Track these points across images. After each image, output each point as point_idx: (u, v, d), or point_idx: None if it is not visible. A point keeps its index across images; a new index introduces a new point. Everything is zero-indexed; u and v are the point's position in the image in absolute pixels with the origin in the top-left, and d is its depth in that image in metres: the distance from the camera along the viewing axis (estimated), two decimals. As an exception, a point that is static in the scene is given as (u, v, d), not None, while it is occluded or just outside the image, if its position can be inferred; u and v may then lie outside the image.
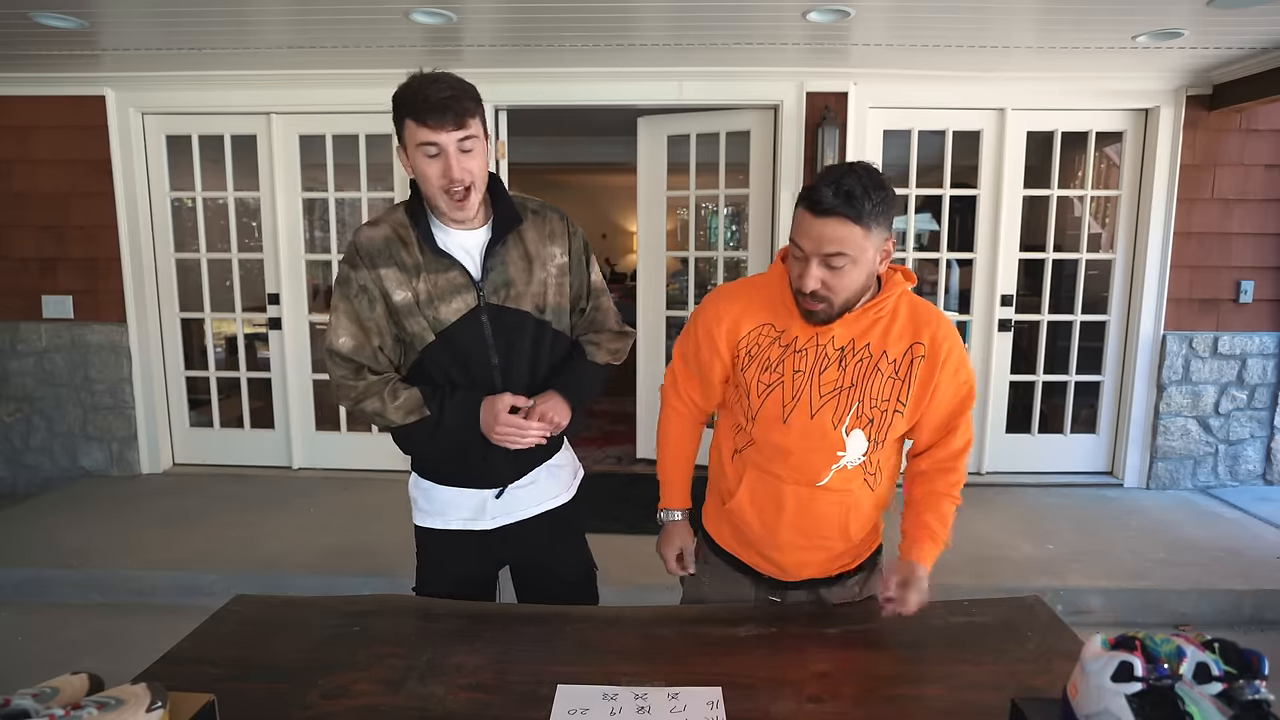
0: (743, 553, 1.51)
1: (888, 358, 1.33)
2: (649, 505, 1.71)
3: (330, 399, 4.34)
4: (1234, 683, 0.82)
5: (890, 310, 1.34)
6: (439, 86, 1.36)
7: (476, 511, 1.57)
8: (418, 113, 1.36)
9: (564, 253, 1.55)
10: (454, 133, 1.36)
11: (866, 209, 1.20)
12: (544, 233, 1.53)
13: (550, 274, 1.52)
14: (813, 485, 1.37)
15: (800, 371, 1.34)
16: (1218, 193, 3.91)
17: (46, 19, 3.05)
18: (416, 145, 1.38)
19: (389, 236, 1.47)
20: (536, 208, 1.56)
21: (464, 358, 1.47)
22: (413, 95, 1.37)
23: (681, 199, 4.37)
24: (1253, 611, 2.94)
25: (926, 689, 1.19)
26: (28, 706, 0.86)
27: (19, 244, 4.10)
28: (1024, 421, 4.29)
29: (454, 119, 1.36)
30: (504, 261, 1.48)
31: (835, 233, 1.20)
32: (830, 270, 1.24)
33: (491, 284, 1.47)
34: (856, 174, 1.21)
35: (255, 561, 3.19)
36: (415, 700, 1.15)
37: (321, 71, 3.82)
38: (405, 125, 1.39)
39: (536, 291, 1.51)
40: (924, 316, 1.36)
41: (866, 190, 1.20)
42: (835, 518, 1.40)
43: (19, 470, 4.30)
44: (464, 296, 1.46)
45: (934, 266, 4.29)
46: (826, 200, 1.20)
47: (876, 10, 2.98)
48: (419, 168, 1.40)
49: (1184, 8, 2.88)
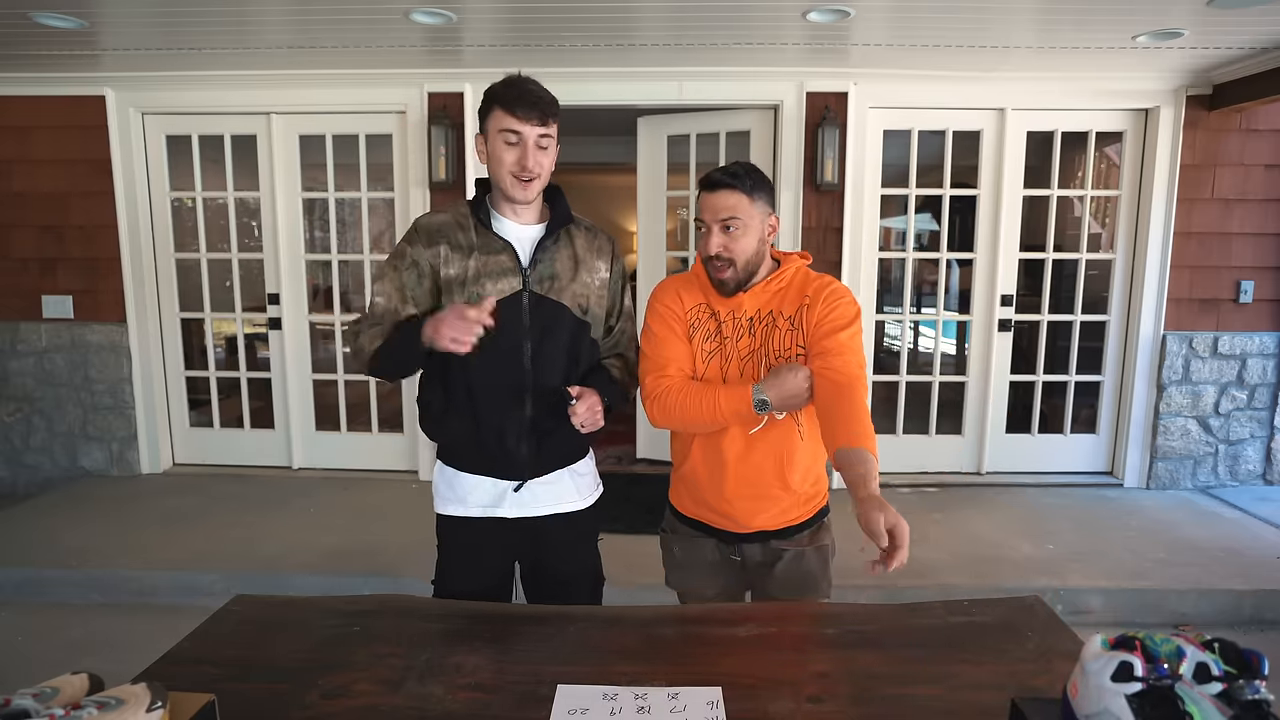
0: (700, 512, 1.69)
1: (784, 315, 1.59)
2: (649, 505, 1.76)
3: (330, 399, 4.37)
4: (1234, 683, 0.82)
5: (787, 281, 1.61)
6: (532, 85, 1.50)
7: (496, 499, 1.62)
8: (508, 103, 1.48)
9: (607, 269, 1.67)
10: (537, 127, 1.49)
11: (748, 183, 1.53)
12: (593, 246, 1.65)
13: (594, 282, 1.63)
14: (747, 434, 1.58)
15: (726, 338, 1.61)
16: (1218, 193, 3.91)
17: (46, 19, 3.05)
18: (499, 130, 1.49)
19: (447, 221, 1.58)
20: (589, 226, 1.69)
21: (498, 339, 1.48)
22: (507, 88, 1.50)
23: (681, 199, 4.37)
24: (1253, 611, 2.94)
25: (926, 689, 1.19)
26: (28, 706, 0.86)
27: (19, 244, 4.10)
28: (1024, 421, 4.29)
29: (539, 115, 1.49)
30: (553, 257, 1.59)
31: (726, 201, 1.53)
32: (727, 235, 1.53)
33: (538, 274, 1.57)
34: (739, 163, 1.57)
35: (255, 561, 3.19)
36: (415, 700, 1.15)
37: (321, 71, 3.83)
38: (493, 112, 1.50)
39: (579, 292, 1.60)
40: (814, 281, 1.61)
41: (747, 170, 1.54)
42: (771, 465, 1.59)
43: (19, 470, 4.30)
44: (510, 279, 1.55)
45: (934, 266, 4.29)
46: (716, 177, 1.54)
47: (876, 10, 2.98)
48: (495, 152, 1.51)
49: (1184, 8, 2.88)
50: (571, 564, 1.71)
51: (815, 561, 1.68)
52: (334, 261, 4.31)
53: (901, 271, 4.26)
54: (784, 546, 1.66)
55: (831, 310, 1.56)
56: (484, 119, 1.53)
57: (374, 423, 4.33)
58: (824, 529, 1.71)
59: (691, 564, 1.73)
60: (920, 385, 4.26)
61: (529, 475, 1.62)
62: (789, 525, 1.65)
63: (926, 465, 4.26)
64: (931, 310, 5.72)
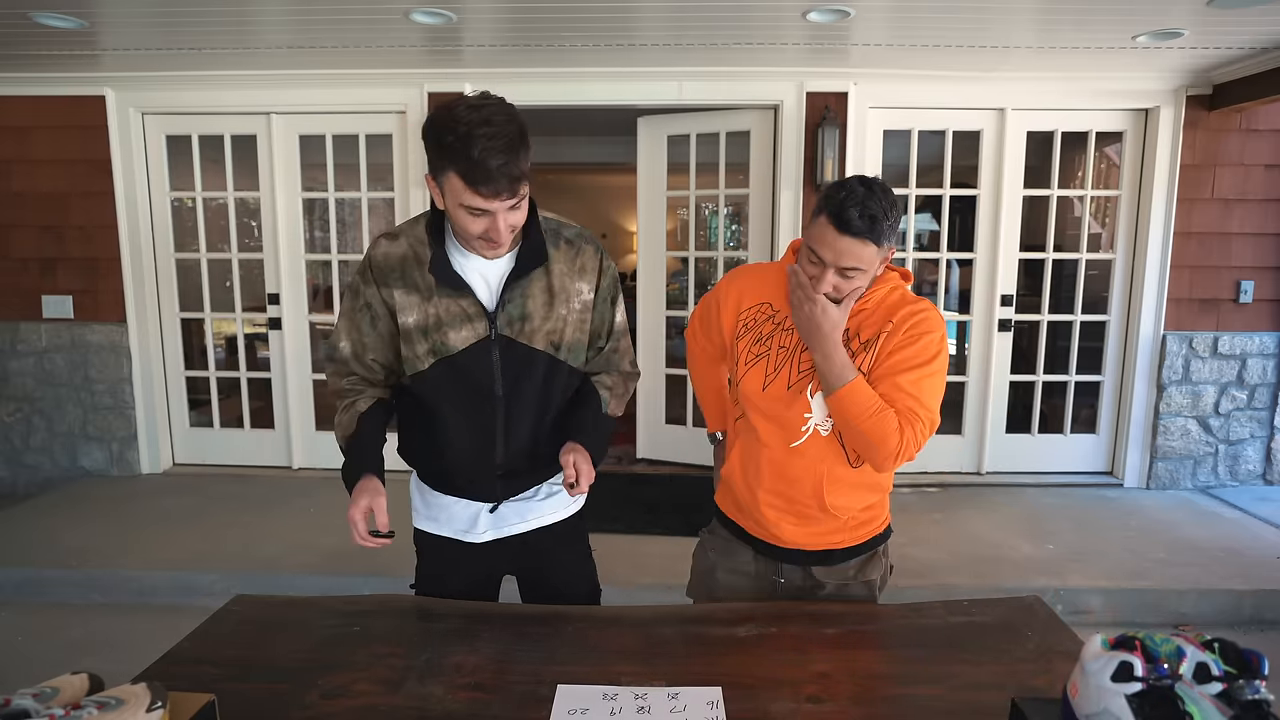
0: (739, 518, 1.59)
1: (860, 338, 1.43)
2: (649, 505, 1.72)
3: (330, 399, 4.35)
4: (1234, 683, 0.82)
5: (877, 303, 1.44)
6: (495, 146, 1.19)
7: (470, 524, 1.54)
8: (468, 175, 1.21)
9: (591, 289, 1.47)
10: (505, 201, 1.25)
11: (885, 230, 1.31)
12: (574, 266, 1.44)
13: (573, 309, 1.44)
14: (787, 447, 1.46)
15: (785, 349, 1.46)
16: (1218, 193, 3.91)
17: (46, 19, 3.05)
18: (459, 203, 1.25)
19: (405, 255, 1.39)
20: (572, 236, 1.46)
21: (468, 385, 1.41)
22: (464, 148, 1.19)
23: (681, 199, 4.37)
24: (1253, 611, 2.94)
25: (926, 689, 1.19)
26: (28, 706, 0.86)
27: (19, 244, 4.10)
28: (1024, 421, 4.29)
29: (508, 186, 1.23)
30: (524, 294, 1.39)
31: (856, 251, 1.31)
32: (843, 278, 1.35)
33: (507, 315, 1.39)
34: (877, 196, 1.30)
35: (255, 561, 3.19)
36: (415, 700, 1.15)
37: (321, 71, 3.83)
38: (447, 175, 1.23)
39: (554, 328, 1.43)
40: (905, 304, 1.44)
41: (886, 213, 1.31)
42: (809, 482, 1.46)
43: (19, 470, 4.30)
44: (475, 325, 1.38)
45: (934, 266, 4.29)
46: (854, 224, 1.29)
47: (876, 10, 2.98)
48: (456, 218, 1.29)
49: (1184, 8, 2.88)
50: (560, 573, 1.63)
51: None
52: (334, 261, 4.31)
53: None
54: (825, 579, 1.53)
55: (909, 345, 1.39)
56: (434, 170, 1.26)
57: (374, 423, 4.32)
58: (875, 560, 1.56)
59: (724, 567, 1.60)
60: (920, 385, 4.26)
61: (503, 497, 1.52)
62: (832, 549, 1.52)
63: (926, 465, 4.26)
64: (931, 310, 5.71)
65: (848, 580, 1.54)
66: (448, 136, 1.20)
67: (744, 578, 1.58)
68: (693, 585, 1.69)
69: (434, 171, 1.27)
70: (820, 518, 1.48)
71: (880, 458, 1.37)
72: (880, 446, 1.35)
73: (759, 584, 1.57)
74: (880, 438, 1.34)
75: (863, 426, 1.35)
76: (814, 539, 1.51)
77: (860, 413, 1.34)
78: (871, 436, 1.35)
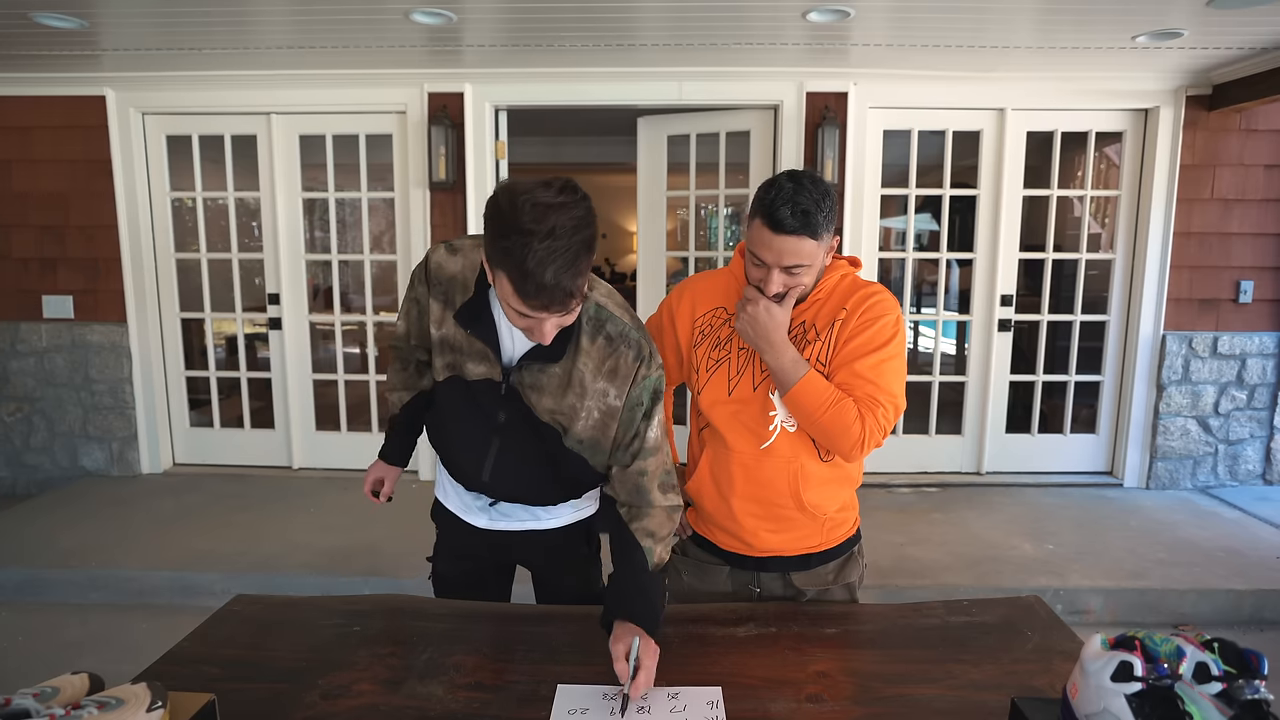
0: (710, 531, 1.56)
1: (816, 329, 1.43)
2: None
3: (330, 399, 4.37)
4: (1234, 682, 0.82)
5: (828, 292, 1.45)
6: (554, 263, 1.06)
7: (469, 507, 1.55)
8: (520, 286, 1.09)
9: (619, 396, 1.32)
10: (556, 314, 1.15)
11: (821, 222, 1.31)
12: (603, 366, 1.31)
13: (590, 409, 1.32)
14: (757, 449, 1.45)
15: (744, 349, 1.45)
16: (1217, 193, 3.92)
17: (47, 19, 3.05)
18: (507, 302, 1.15)
19: (454, 276, 1.35)
20: (614, 334, 1.31)
21: (473, 405, 1.40)
22: (520, 256, 1.07)
23: (681, 199, 4.36)
24: (1252, 611, 2.94)
25: (926, 689, 1.19)
26: (28, 706, 0.86)
27: (19, 244, 4.10)
28: (1024, 421, 4.29)
29: (561, 302, 1.12)
30: (541, 370, 1.31)
31: (794, 248, 1.32)
32: (790, 275, 1.36)
33: (519, 377, 1.33)
34: (806, 190, 1.30)
35: (255, 561, 3.19)
36: (415, 700, 1.15)
37: (321, 71, 3.83)
38: (499, 273, 1.12)
39: (562, 413, 1.33)
40: (856, 290, 1.44)
41: (819, 205, 1.30)
42: (783, 482, 1.44)
43: (19, 470, 4.30)
44: (491, 368, 1.35)
45: (934, 266, 4.30)
46: (787, 222, 1.30)
47: (876, 10, 2.98)
48: (503, 306, 1.18)
49: (1184, 8, 2.88)
50: (570, 571, 1.60)
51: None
52: (334, 261, 4.31)
53: (901, 272, 4.26)
54: (805, 586, 1.52)
55: (863, 330, 1.38)
56: (489, 256, 1.15)
57: (374, 423, 4.32)
58: (852, 561, 1.56)
59: (702, 593, 1.58)
60: (920, 385, 4.26)
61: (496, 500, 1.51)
62: (809, 552, 1.51)
63: (926, 465, 4.26)
64: (931, 310, 5.72)
65: (828, 585, 1.54)
66: (508, 236, 1.08)
67: (722, 597, 1.56)
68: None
69: (488, 258, 1.16)
70: (798, 519, 1.47)
71: (846, 448, 1.38)
72: (843, 437, 1.36)
73: (736, 599, 1.55)
74: (842, 428, 1.35)
75: (822, 420, 1.35)
76: (791, 544, 1.50)
77: (817, 406, 1.35)
78: (832, 429, 1.35)
